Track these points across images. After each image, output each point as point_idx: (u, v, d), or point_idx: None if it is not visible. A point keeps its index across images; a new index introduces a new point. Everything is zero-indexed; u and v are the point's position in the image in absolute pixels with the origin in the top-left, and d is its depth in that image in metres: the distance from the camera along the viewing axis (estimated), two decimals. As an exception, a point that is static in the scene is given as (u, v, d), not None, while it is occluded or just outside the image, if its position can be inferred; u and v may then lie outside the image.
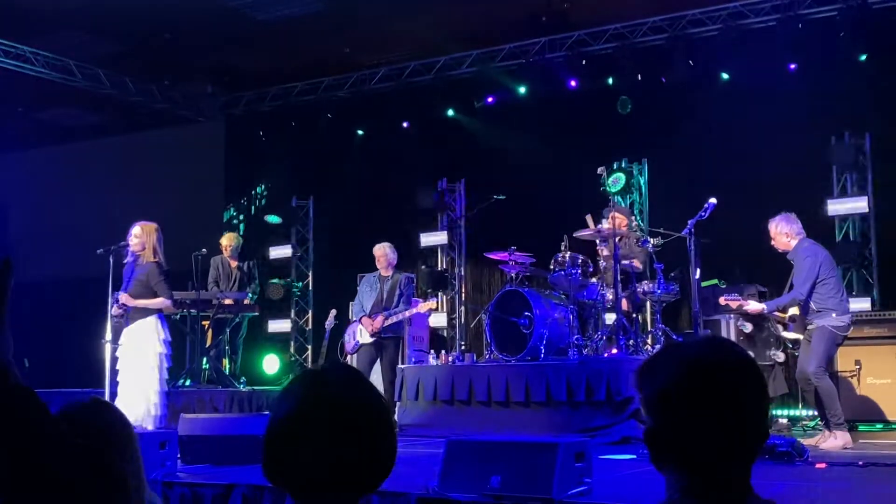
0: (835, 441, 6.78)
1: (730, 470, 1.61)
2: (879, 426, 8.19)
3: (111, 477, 1.51)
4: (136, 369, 7.38)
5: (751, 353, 6.35)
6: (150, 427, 7.13)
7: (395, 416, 8.97)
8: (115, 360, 7.50)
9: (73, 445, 1.56)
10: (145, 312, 7.55)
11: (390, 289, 9.45)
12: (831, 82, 9.79)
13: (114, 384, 7.44)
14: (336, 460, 1.62)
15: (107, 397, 7.44)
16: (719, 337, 1.68)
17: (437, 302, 9.24)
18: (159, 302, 7.55)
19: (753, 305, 7.49)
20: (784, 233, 7.28)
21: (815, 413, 7.66)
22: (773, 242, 7.37)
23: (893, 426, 8.14)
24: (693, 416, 1.59)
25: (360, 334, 9.36)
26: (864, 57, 9.79)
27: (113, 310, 7.59)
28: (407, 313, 9.33)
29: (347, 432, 1.63)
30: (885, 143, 9.70)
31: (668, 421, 1.63)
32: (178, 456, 5.88)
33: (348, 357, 9.63)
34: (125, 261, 7.73)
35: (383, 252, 9.64)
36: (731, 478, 1.61)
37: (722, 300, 7.66)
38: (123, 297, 7.49)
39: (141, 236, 7.60)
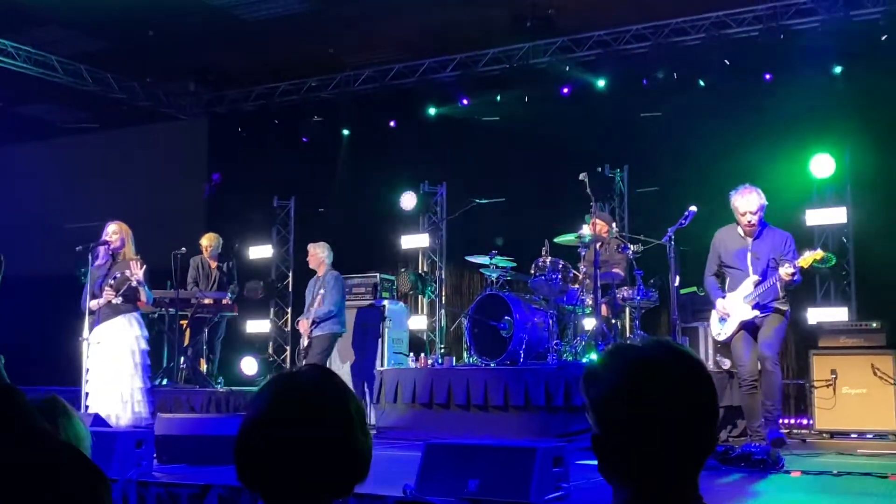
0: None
1: (677, 479, 1.54)
2: (854, 435, 8.25)
3: (92, 472, 1.50)
4: (119, 367, 7.33)
5: (727, 361, 6.24)
6: (130, 425, 7.11)
7: (373, 419, 8.96)
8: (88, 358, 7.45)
9: (56, 443, 1.56)
10: (124, 309, 7.51)
11: (318, 288, 9.48)
12: (812, 93, 9.85)
13: (86, 383, 7.39)
14: (308, 463, 1.61)
15: (82, 396, 7.39)
16: (667, 339, 1.64)
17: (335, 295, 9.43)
18: (147, 292, 7.62)
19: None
20: (764, 206, 6.79)
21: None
22: (751, 217, 6.72)
23: (867, 436, 8.21)
24: (638, 422, 1.52)
25: (303, 339, 9.43)
26: (839, 69, 9.88)
27: (102, 297, 7.50)
28: (314, 308, 9.31)
29: (319, 434, 1.62)
30: (864, 155, 9.78)
31: (612, 427, 1.56)
32: (154, 455, 5.85)
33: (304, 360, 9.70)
34: (98, 262, 7.66)
35: (312, 251, 9.65)
36: (679, 488, 1.54)
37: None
38: (136, 270, 7.43)
39: (120, 233, 7.59)
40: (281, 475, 1.62)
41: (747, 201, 6.73)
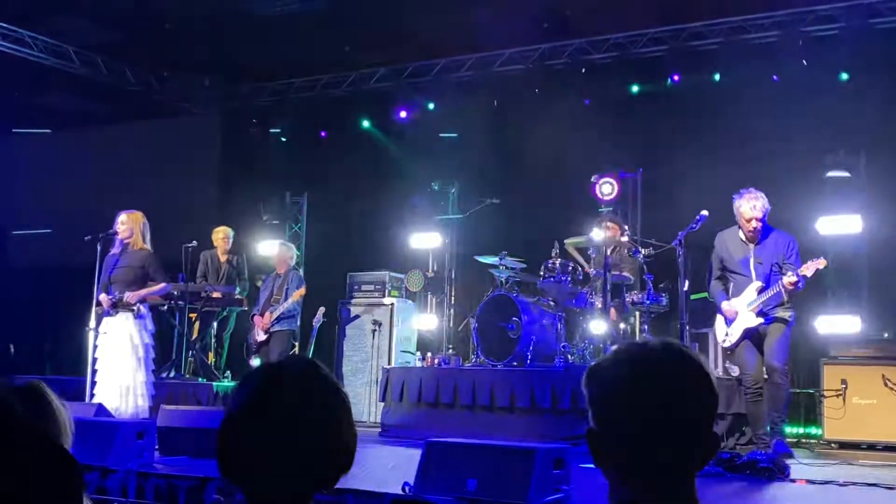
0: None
1: (669, 480, 1.52)
2: (863, 446, 8.17)
3: (63, 461, 1.48)
4: (122, 360, 7.35)
5: (735, 368, 6.16)
6: (136, 416, 7.12)
7: (378, 417, 8.95)
8: (96, 348, 7.47)
9: (27, 431, 1.53)
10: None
11: (280, 284, 9.73)
12: (828, 99, 9.77)
13: (94, 373, 7.40)
14: (292, 454, 1.58)
15: (88, 385, 7.41)
16: (672, 340, 1.59)
17: (304, 288, 9.77)
18: (160, 288, 7.62)
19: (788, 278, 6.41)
20: (768, 210, 6.64)
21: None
22: (755, 223, 6.57)
23: (876, 447, 8.13)
24: (631, 418, 1.52)
25: (258, 334, 9.59)
26: (857, 76, 9.79)
27: (105, 302, 7.52)
28: (287, 303, 9.57)
29: (303, 424, 1.60)
30: (879, 163, 9.68)
31: (607, 421, 1.56)
32: (156, 447, 5.84)
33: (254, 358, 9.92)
34: (112, 251, 7.70)
35: (280, 250, 10.05)
36: (671, 489, 1.52)
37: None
38: (129, 296, 7.44)
39: (128, 223, 7.62)
40: (264, 467, 1.59)
41: (754, 207, 6.57)
